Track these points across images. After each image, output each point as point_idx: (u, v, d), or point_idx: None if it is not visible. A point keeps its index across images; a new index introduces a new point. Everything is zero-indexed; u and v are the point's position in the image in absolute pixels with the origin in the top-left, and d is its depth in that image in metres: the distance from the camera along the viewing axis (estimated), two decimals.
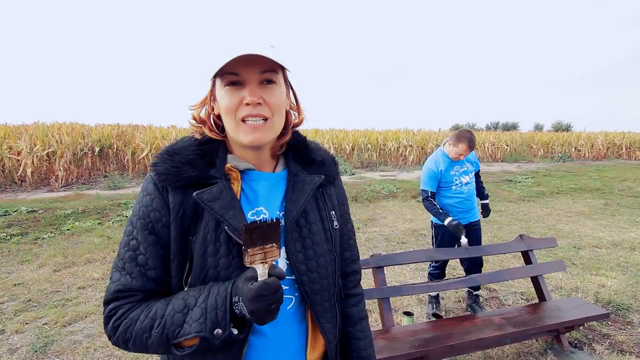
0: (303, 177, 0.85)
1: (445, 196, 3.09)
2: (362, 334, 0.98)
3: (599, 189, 9.52)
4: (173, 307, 0.71)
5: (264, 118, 0.75)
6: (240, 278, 0.70)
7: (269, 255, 0.68)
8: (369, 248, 4.97)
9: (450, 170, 3.04)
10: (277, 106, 0.77)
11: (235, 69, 0.73)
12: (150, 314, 0.72)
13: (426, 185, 3.07)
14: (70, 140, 10.12)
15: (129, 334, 0.72)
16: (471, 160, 3.13)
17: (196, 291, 0.72)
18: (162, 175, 0.76)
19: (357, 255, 1.02)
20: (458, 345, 2.11)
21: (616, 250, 4.81)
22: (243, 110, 0.74)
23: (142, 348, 0.73)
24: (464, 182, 3.05)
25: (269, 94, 0.75)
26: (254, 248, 0.66)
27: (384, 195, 8.44)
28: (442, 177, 3.05)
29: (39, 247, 4.95)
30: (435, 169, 3.04)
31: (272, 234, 0.68)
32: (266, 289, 0.65)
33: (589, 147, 19.62)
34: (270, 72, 0.75)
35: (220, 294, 0.69)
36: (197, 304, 0.70)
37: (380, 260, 2.45)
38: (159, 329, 0.70)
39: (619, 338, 2.74)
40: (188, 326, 0.69)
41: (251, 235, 0.66)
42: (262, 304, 0.65)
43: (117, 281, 0.75)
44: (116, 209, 6.71)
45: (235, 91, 0.74)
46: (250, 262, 0.67)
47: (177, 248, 0.75)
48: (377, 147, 15.62)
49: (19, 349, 2.69)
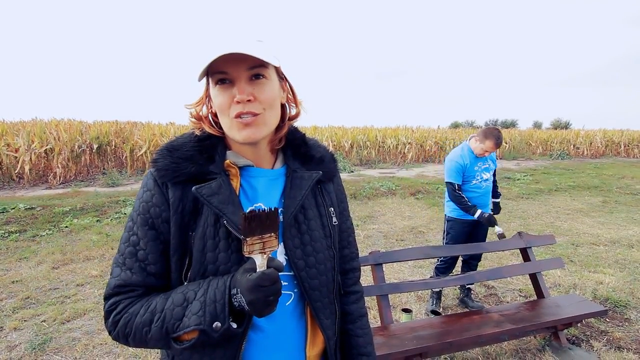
0: (301, 174, 0.85)
1: (464, 189, 3.12)
2: (362, 331, 0.98)
3: (597, 187, 9.55)
4: (172, 301, 0.71)
5: (255, 114, 0.75)
6: (239, 271, 0.70)
7: (268, 245, 0.68)
8: (367, 245, 4.97)
9: (474, 166, 3.08)
10: (268, 101, 0.76)
11: (223, 67, 0.72)
12: (150, 308, 0.72)
13: (453, 178, 3.07)
14: (68, 137, 10.09)
15: (129, 328, 0.72)
16: (493, 159, 3.19)
17: (195, 285, 0.72)
18: (162, 171, 0.76)
19: (356, 253, 1.02)
20: (456, 342, 2.12)
21: (614, 247, 4.82)
22: (234, 108, 0.74)
23: (142, 342, 0.73)
24: (484, 178, 3.10)
25: (259, 89, 0.75)
26: (252, 237, 0.67)
27: (382, 193, 8.44)
28: (467, 171, 3.08)
29: (37, 244, 4.94)
30: (462, 162, 3.07)
31: (271, 223, 0.68)
32: (265, 279, 0.65)
33: (588, 144, 19.66)
34: (258, 68, 0.74)
35: (219, 287, 0.70)
36: (197, 298, 0.70)
37: (379, 257, 2.45)
38: (158, 323, 0.70)
39: (616, 335, 2.75)
40: (187, 319, 0.69)
41: (250, 223, 0.66)
42: (261, 294, 0.65)
43: (118, 276, 0.76)
44: (114, 206, 6.69)
45: (225, 89, 0.74)
46: (249, 252, 0.67)
47: (176, 243, 0.75)
48: (376, 144, 15.62)
49: (18, 346, 2.69)
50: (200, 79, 0.75)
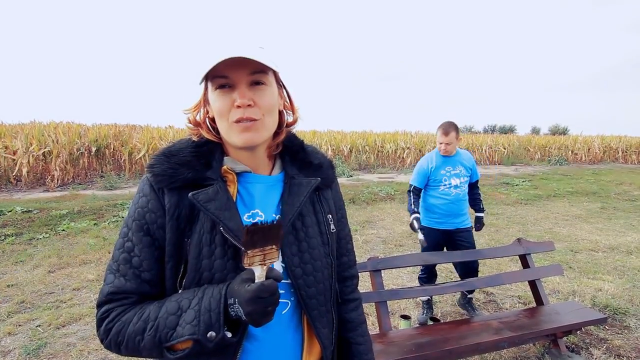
0: (300, 180, 0.84)
1: (432, 195, 3.09)
2: (362, 339, 0.97)
3: (596, 193, 9.57)
4: (166, 310, 0.70)
5: (255, 120, 0.75)
6: (235, 280, 0.69)
7: (268, 257, 0.67)
8: (366, 250, 4.96)
9: (441, 170, 3.04)
10: (268, 107, 0.76)
11: (224, 72, 0.72)
12: (143, 316, 0.71)
13: (413, 180, 3.13)
14: (67, 139, 10.07)
15: (122, 336, 0.71)
16: (465, 165, 3.08)
17: (190, 293, 0.71)
18: (159, 177, 0.76)
19: (354, 260, 1.02)
20: (455, 349, 2.10)
21: (613, 254, 4.82)
22: (235, 112, 0.74)
23: (134, 351, 0.72)
24: (453, 184, 3.02)
25: (259, 95, 0.75)
26: (253, 250, 0.65)
27: (381, 198, 8.43)
28: (432, 175, 3.06)
29: (34, 247, 4.90)
30: (425, 165, 3.07)
31: (273, 236, 0.67)
32: (264, 290, 0.64)
33: (586, 150, 19.73)
34: (259, 74, 0.74)
35: (215, 296, 0.68)
36: (191, 306, 0.69)
37: (377, 263, 2.43)
38: (151, 332, 0.69)
39: (616, 342, 2.73)
40: (181, 328, 0.68)
41: (252, 237, 0.65)
42: (260, 305, 0.64)
43: (111, 283, 0.75)
44: (112, 210, 6.67)
45: (225, 94, 0.74)
46: (249, 264, 0.66)
47: (172, 250, 0.74)
48: (375, 149, 15.65)
49: (12, 352, 2.66)
50: (201, 82, 0.75)
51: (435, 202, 3.06)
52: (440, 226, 3.07)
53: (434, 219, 3.09)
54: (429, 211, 3.11)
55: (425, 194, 3.14)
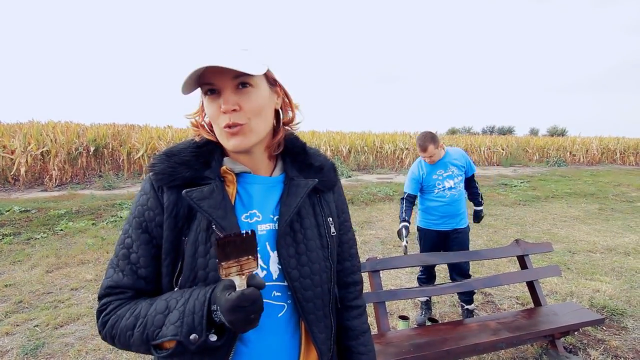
0: (298, 181, 0.84)
1: (428, 199, 3.09)
2: (365, 348, 0.94)
3: (594, 194, 9.59)
4: (155, 308, 0.71)
5: (240, 125, 0.74)
6: (218, 285, 0.67)
7: (245, 267, 0.65)
8: (365, 251, 4.96)
9: (432, 175, 3.03)
10: (254, 110, 0.76)
11: (209, 78, 0.72)
12: (135, 312, 0.72)
13: (406, 187, 3.14)
14: (65, 139, 10.05)
15: (115, 330, 0.72)
16: (457, 164, 3.05)
17: (179, 293, 0.72)
18: (159, 175, 0.77)
19: (358, 266, 0.99)
20: (453, 350, 2.10)
21: (610, 255, 4.83)
22: (222, 118, 0.74)
23: (126, 346, 0.73)
24: (447, 186, 3.01)
25: (245, 98, 0.74)
26: (228, 261, 0.64)
27: (380, 198, 8.44)
28: (424, 181, 3.05)
29: (32, 247, 4.89)
30: (417, 172, 3.07)
31: (247, 247, 0.65)
32: (244, 300, 0.62)
33: (584, 152, 19.79)
34: (243, 77, 0.73)
35: (199, 299, 0.68)
36: (177, 307, 0.69)
37: (376, 264, 2.44)
38: (140, 328, 0.70)
39: (613, 343, 2.74)
40: (165, 328, 0.68)
41: (224, 249, 0.63)
42: (241, 314, 0.62)
43: (110, 277, 0.77)
44: (110, 210, 6.66)
45: (214, 100, 0.75)
46: (225, 275, 0.64)
47: (169, 247, 0.75)
48: (374, 149, 15.67)
49: (9, 352, 2.65)
50: (185, 92, 0.74)
51: (432, 205, 3.07)
52: (438, 227, 3.07)
53: (431, 221, 3.10)
54: (427, 213, 3.12)
55: (422, 198, 3.15)
